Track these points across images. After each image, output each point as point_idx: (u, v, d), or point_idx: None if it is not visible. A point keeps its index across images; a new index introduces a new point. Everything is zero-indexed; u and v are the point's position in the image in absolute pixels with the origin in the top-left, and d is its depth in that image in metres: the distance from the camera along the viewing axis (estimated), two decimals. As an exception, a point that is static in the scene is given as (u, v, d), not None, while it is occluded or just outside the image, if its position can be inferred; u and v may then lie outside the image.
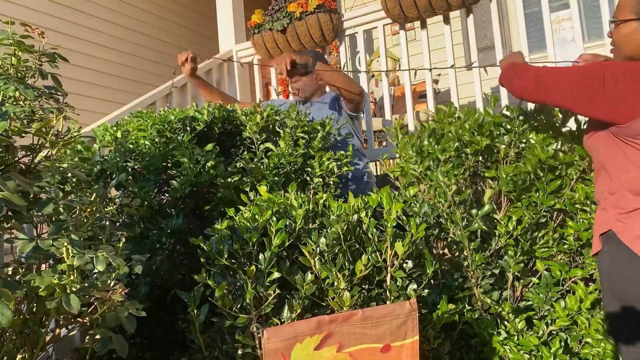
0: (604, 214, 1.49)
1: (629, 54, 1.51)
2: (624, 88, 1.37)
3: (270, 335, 1.25)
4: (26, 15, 4.12)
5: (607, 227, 1.45)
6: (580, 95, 1.43)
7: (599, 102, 1.40)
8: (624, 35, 1.50)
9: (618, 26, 1.52)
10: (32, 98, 1.30)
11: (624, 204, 1.42)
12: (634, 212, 1.39)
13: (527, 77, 1.55)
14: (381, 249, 1.51)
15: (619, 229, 1.41)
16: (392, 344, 1.30)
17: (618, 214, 1.43)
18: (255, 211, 1.55)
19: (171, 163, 2.10)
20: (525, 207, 1.73)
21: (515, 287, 1.78)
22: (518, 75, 1.59)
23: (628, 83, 1.37)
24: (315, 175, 2.12)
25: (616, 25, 1.53)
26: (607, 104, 1.39)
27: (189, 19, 5.94)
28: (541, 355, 1.61)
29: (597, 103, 1.41)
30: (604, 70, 1.41)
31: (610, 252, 1.44)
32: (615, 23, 1.54)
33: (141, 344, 1.93)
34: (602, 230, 1.47)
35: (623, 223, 1.41)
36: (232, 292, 1.47)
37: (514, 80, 1.60)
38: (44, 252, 1.21)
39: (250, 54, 4.11)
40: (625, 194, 1.42)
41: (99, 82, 4.78)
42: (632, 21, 1.49)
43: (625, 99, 1.37)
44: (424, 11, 3.26)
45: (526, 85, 1.55)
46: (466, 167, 1.80)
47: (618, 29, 1.52)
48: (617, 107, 1.38)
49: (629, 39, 1.50)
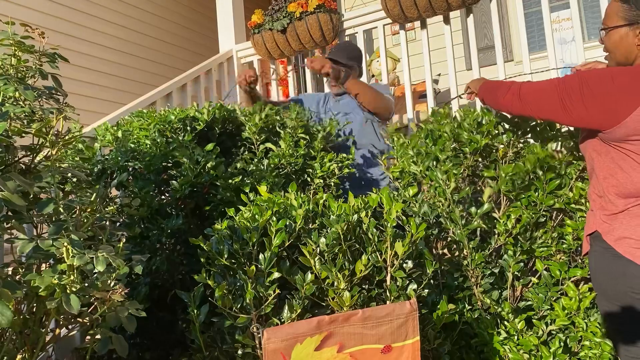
0: (591, 216, 1.53)
1: (620, 59, 1.54)
2: (604, 95, 1.39)
3: (270, 336, 1.25)
4: (26, 15, 4.12)
5: (593, 228, 1.49)
6: (562, 108, 1.46)
7: (580, 112, 1.43)
8: (615, 41, 1.53)
9: (608, 33, 1.55)
10: (31, 99, 1.30)
11: (610, 206, 1.45)
12: (620, 214, 1.42)
13: (512, 93, 1.61)
14: (381, 249, 1.51)
15: (605, 229, 1.44)
16: (393, 345, 1.30)
17: (604, 215, 1.46)
18: (255, 211, 1.55)
19: (171, 163, 2.10)
20: (524, 207, 1.73)
21: (515, 287, 1.78)
22: (502, 92, 1.65)
23: (609, 90, 1.38)
24: (316, 176, 2.13)
25: (606, 32, 1.56)
26: (588, 113, 1.42)
27: (189, 19, 5.95)
28: (541, 355, 1.61)
29: (578, 113, 1.44)
30: (580, 81, 1.44)
31: (596, 252, 1.47)
32: (606, 30, 1.56)
33: (141, 344, 1.93)
34: (589, 231, 1.51)
35: (608, 224, 1.44)
36: (232, 292, 1.47)
37: (498, 97, 1.66)
38: (44, 252, 1.21)
39: (250, 54, 4.11)
40: (611, 197, 1.44)
41: (99, 82, 4.78)
42: (621, 27, 1.51)
43: (606, 105, 1.38)
44: (424, 11, 3.26)
45: (511, 101, 1.61)
46: (465, 166, 1.80)
47: (609, 35, 1.55)
48: (598, 114, 1.40)
49: (619, 45, 1.53)
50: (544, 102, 1.51)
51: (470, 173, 1.84)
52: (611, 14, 1.55)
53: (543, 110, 1.53)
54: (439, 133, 1.88)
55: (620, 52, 1.53)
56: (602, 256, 1.45)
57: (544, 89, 1.52)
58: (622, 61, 1.53)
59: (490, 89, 1.73)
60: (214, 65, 3.98)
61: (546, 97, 1.51)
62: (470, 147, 1.78)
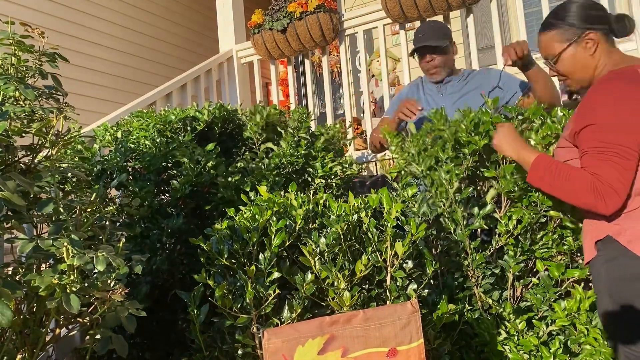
0: (595, 221, 1.47)
1: (581, 76, 1.56)
2: (626, 120, 1.38)
3: (270, 336, 1.25)
4: (26, 15, 4.12)
5: (603, 233, 1.44)
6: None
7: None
8: (568, 64, 1.56)
9: (559, 60, 1.57)
10: (32, 98, 1.30)
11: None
12: (631, 213, 1.39)
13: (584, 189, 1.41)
14: (381, 249, 1.51)
15: (615, 231, 1.41)
16: (399, 348, 1.28)
17: (613, 216, 1.42)
18: (255, 211, 1.55)
19: (172, 163, 2.10)
20: (525, 207, 1.73)
21: (516, 287, 1.78)
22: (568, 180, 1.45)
23: (625, 117, 1.38)
24: (316, 176, 2.12)
25: (554, 62, 1.59)
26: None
27: (189, 19, 5.94)
28: (541, 355, 1.61)
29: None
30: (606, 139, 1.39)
31: (608, 256, 1.43)
32: (553, 61, 1.59)
33: (141, 344, 1.93)
34: (598, 237, 1.46)
35: (618, 225, 1.41)
36: (232, 292, 1.47)
37: (564, 185, 1.45)
38: (44, 252, 1.21)
39: (251, 54, 4.11)
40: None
41: (99, 82, 4.78)
42: (567, 49, 1.55)
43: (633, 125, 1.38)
44: (424, 11, 3.26)
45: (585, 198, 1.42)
46: (465, 167, 1.80)
47: (560, 62, 1.58)
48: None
49: (574, 64, 1.56)
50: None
51: (471, 174, 1.83)
52: (549, 44, 1.59)
53: None
54: (439, 133, 1.88)
55: (578, 70, 1.56)
56: (615, 259, 1.41)
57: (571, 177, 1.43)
58: (583, 76, 1.56)
59: (547, 169, 1.51)
60: (214, 65, 3.97)
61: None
62: (469, 148, 1.78)
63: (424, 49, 2.39)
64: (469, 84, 2.38)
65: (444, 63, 2.38)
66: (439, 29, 2.43)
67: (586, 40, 1.54)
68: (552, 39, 1.59)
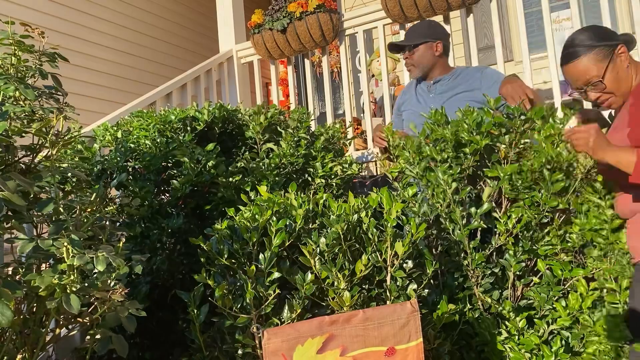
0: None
1: (625, 90, 1.56)
2: None
3: (270, 336, 1.25)
4: (26, 15, 4.12)
5: None
6: None
7: None
8: (614, 80, 1.56)
9: (605, 79, 1.57)
10: (32, 98, 1.30)
11: None
12: None
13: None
14: (381, 249, 1.51)
15: None
16: (397, 347, 1.29)
17: None
18: (255, 211, 1.55)
19: (172, 163, 2.10)
20: (527, 207, 1.73)
21: (516, 287, 1.78)
22: None
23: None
24: (316, 176, 2.12)
25: (601, 84, 1.57)
26: None
27: (189, 19, 5.94)
28: (542, 354, 1.60)
29: None
30: None
31: None
32: (598, 81, 1.57)
33: (141, 344, 1.93)
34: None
35: None
36: (232, 292, 1.47)
37: None
38: (44, 252, 1.21)
39: (251, 54, 4.11)
40: None
41: (99, 82, 4.78)
42: (609, 66, 1.55)
43: None
44: (424, 11, 3.26)
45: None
46: (465, 166, 1.80)
47: (606, 81, 1.57)
48: None
49: (619, 80, 1.56)
50: None
51: (471, 173, 1.83)
52: (587, 68, 1.57)
53: None
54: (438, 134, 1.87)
55: (622, 84, 1.55)
56: None
57: None
58: (626, 89, 1.56)
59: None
60: (214, 65, 3.97)
61: None
62: (470, 148, 1.78)
63: (390, 46, 2.47)
64: (457, 84, 2.37)
65: (418, 62, 2.40)
66: (418, 28, 2.46)
67: (619, 55, 1.56)
68: (588, 62, 1.57)
